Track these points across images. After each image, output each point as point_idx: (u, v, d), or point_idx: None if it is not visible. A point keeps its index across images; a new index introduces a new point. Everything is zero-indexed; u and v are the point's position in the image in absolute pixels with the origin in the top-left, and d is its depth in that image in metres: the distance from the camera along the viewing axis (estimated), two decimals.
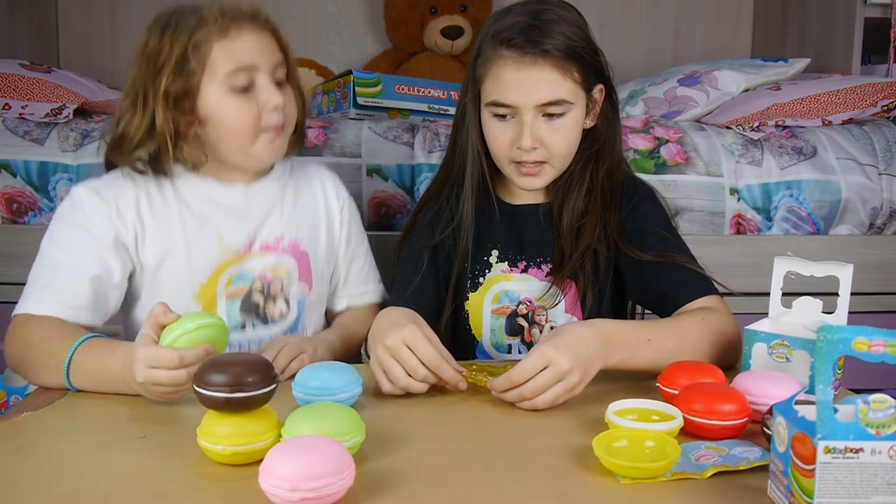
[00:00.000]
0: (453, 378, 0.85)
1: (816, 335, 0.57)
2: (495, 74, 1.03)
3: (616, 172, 1.12)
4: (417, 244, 1.13)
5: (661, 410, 0.76)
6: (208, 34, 0.98)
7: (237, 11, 1.00)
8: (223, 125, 1.01)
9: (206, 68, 0.99)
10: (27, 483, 0.66)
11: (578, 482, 0.66)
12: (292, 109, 1.06)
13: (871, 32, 2.11)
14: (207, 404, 0.69)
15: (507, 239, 1.14)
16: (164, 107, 0.98)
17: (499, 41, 1.03)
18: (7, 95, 1.66)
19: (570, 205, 1.10)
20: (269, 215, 1.09)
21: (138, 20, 2.67)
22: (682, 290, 1.03)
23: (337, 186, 1.20)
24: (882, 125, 1.67)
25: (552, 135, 1.04)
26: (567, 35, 1.01)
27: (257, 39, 1.01)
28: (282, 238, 1.09)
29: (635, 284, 1.09)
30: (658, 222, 1.10)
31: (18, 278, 1.47)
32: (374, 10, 2.59)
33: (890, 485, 0.57)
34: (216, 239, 1.05)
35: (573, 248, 1.09)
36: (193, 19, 0.99)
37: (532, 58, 1.01)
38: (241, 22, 1.00)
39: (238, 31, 0.99)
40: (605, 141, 1.11)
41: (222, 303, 1.05)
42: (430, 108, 1.77)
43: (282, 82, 1.04)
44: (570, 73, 1.02)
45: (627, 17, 2.66)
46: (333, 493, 0.59)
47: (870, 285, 1.54)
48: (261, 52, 1.01)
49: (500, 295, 1.13)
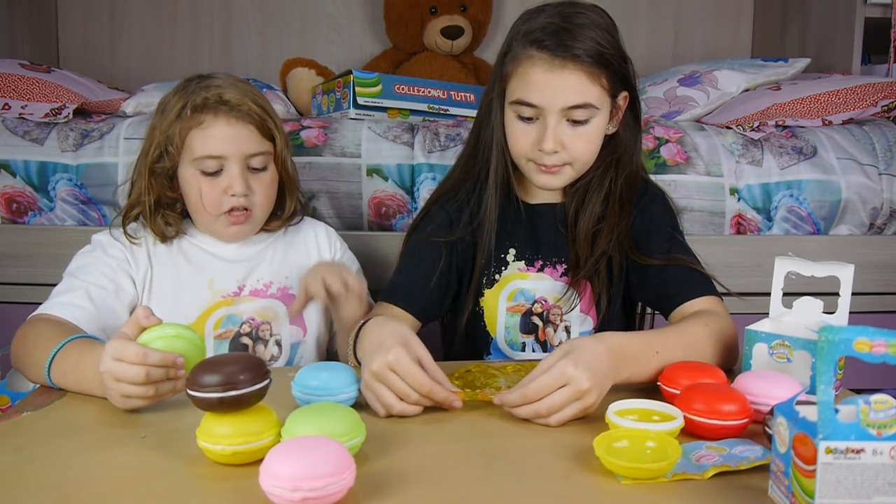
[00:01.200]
0: (447, 400, 0.82)
1: (817, 335, 0.57)
2: (523, 73, 1.03)
3: (634, 180, 1.12)
4: (431, 236, 1.12)
5: (662, 411, 0.76)
6: (188, 122, 1.07)
7: (219, 101, 1.07)
8: (189, 201, 1.11)
9: (184, 150, 1.08)
10: (27, 483, 0.66)
11: (579, 482, 0.66)
12: (263, 197, 1.11)
13: (871, 32, 2.11)
14: (202, 406, 0.69)
15: (524, 238, 1.14)
16: (149, 180, 1.10)
17: (529, 41, 1.02)
18: (7, 95, 1.66)
19: (588, 210, 1.10)
20: (259, 264, 1.16)
21: (138, 20, 2.71)
22: (681, 289, 1.04)
23: (330, 236, 1.24)
24: (882, 125, 1.67)
25: (575, 139, 1.04)
26: (598, 41, 1.01)
27: (231, 130, 1.07)
28: (270, 284, 1.15)
29: (638, 282, 1.10)
30: (666, 225, 1.11)
31: (18, 278, 1.48)
32: (374, 10, 2.59)
33: (891, 485, 0.57)
34: (206, 284, 1.12)
35: (589, 253, 1.09)
36: (179, 106, 1.08)
37: (562, 61, 1.00)
38: (218, 112, 1.07)
39: (213, 121, 1.07)
40: (625, 148, 1.11)
41: (210, 343, 1.10)
42: (430, 108, 1.76)
43: (260, 169, 1.11)
44: (598, 78, 1.02)
45: (627, 17, 2.65)
46: (334, 493, 0.59)
47: (870, 285, 1.54)
48: (232, 142, 1.07)
49: (516, 293, 1.13)
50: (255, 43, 2.62)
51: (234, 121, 1.07)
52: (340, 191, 1.52)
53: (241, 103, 1.08)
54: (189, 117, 1.07)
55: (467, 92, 1.82)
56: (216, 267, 1.14)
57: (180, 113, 1.07)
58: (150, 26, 2.59)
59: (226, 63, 2.60)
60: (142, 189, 1.10)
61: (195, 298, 1.11)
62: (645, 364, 0.87)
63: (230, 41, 2.61)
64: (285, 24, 2.62)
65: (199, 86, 1.09)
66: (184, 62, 2.58)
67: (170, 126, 1.08)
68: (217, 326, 1.11)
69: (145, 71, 2.54)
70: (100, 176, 1.50)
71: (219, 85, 1.09)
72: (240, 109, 1.08)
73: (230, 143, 1.07)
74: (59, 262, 1.49)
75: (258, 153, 1.09)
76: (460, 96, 1.81)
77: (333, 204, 1.52)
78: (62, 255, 1.47)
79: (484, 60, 2.47)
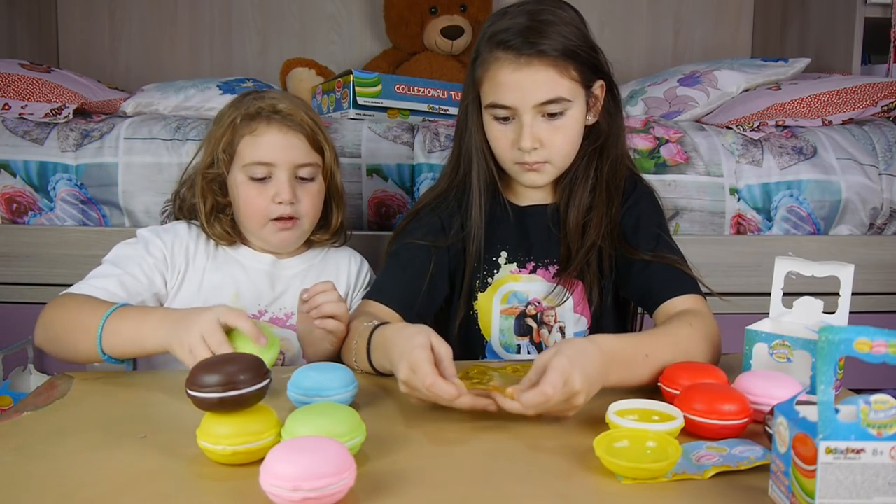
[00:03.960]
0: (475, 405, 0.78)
1: (818, 335, 0.56)
2: (492, 76, 1.03)
3: (620, 167, 1.12)
4: (417, 241, 1.11)
5: (662, 411, 0.76)
6: (241, 130, 1.10)
7: (273, 110, 1.10)
8: (238, 207, 1.13)
9: (235, 157, 1.11)
10: (27, 483, 0.66)
11: (579, 482, 0.66)
12: (310, 207, 1.13)
13: (871, 32, 2.11)
14: (202, 406, 0.69)
15: (515, 240, 1.14)
16: (203, 185, 1.13)
17: (495, 43, 1.03)
18: (7, 95, 1.66)
19: (576, 201, 1.10)
20: (286, 292, 1.15)
21: (138, 20, 2.71)
22: (666, 287, 1.04)
23: (362, 268, 1.23)
24: (882, 125, 1.67)
25: (552, 134, 1.04)
26: (563, 35, 1.01)
27: (283, 138, 1.10)
28: (291, 315, 1.14)
29: (623, 278, 1.10)
30: (653, 223, 1.11)
31: (18, 278, 1.48)
32: (374, 10, 2.60)
33: (891, 485, 0.57)
34: (231, 298, 1.12)
35: (579, 245, 1.09)
36: (234, 115, 1.11)
37: (528, 58, 1.00)
38: (271, 121, 1.10)
39: (266, 129, 1.09)
40: (607, 136, 1.11)
41: None
42: (430, 108, 1.76)
43: (308, 179, 1.12)
44: (566, 71, 1.02)
45: (627, 17, 2.66)
46: (335, 492, 0.59)
47: (870, 285, 1.54)
48: (282, 151, 1.09)
49: (509, 295, 1.13)
50: (255, 43, 2.62)
51: (287, 129, 1.09)
52: None
53: (293, 113, 1.10)
54: (242, 125, 1.10)
55: None
56: (243, 281, 1.14)
57: (234, 121, 1.10)
58: (150, 26, 2.59)
59: (226, 63, 2.60)
60: (197, 194, 1.13)
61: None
62: (634, 368, 0.86)
63: (230, 41, 2.62)
64: (285, 24, 2.62)
65: (254, 97, 1.12)
66: (184, 62, 2.59)
67: (223, 134, 1.10)
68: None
69: (145, 71, 2.54)
70: (100, 176, 1.50)
71: (273, 97, 1.12)
72: (292, 119, 1.10)
73: (281, 151, 1.09)
74: (59, 262, 1.50)
75: (307, 164, 1.11)
76: (460, 96, 1.81)
77: None
78: (62, 255, 1.48)
79: None
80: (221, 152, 1.10)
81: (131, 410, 0.83)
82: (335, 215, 1.19)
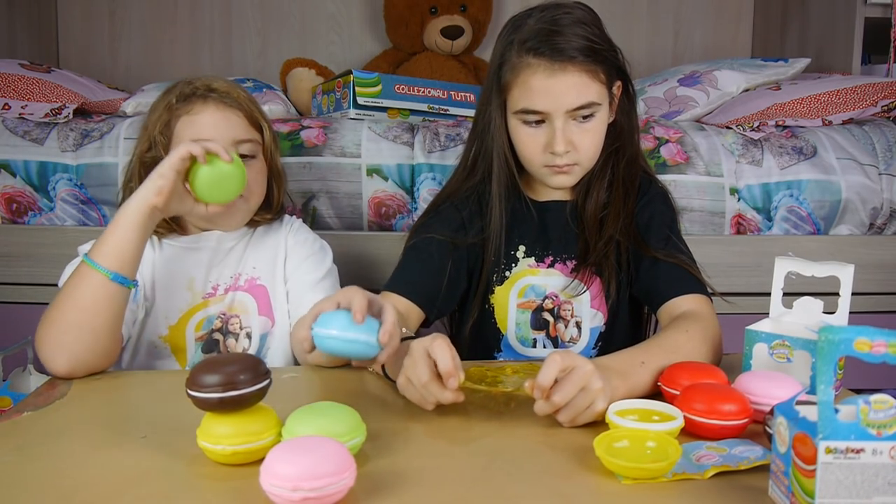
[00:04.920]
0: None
1: (818, 335, 0.57)
2: (524, 82, 1.03)
3: (635, 164, 1.14)
4: (437, 236, 1.11)
5: (662, 411, 0.76)
6: (177, 111, 1.08)
7: (207, 89, 1.10)
8: None
9: (173, 139, 1.08)
10: (27, 483, 0.66)
11: (579, 482, 0.66)
12: (254, 185, 1.11)
13: (871, 32, 2.11)
14: (202, 406, 0.69)
15: (534, 234, 1.15)
16: (141, 171, 1.09)
17: (525, 49, 1.03)
18: (7, 95, 1.66)
19: (594, 197, 1.12)
20: (229, 256, 1.14)
21: (138, 20, 2.71)
22: (671, 286, 1.05)
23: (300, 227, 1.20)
24: (882, 125, 1.67)
25: (583, 136, 1.05)
26: (588, 37, 1.02)
27: (221, 116, 1.08)
28: (238, 276, 1.13)
29: (634, 275, 1.10)
30: (665, 222, 1.12)
31: (18, 278, 1.48)
32: (374, 10, 2.60)
33: (891, 485, 0.57)
34: (186, 285, 1.11)
35: (597, 239, 1.10)
36: (170, 97, 1.09)
37: (561, 64, 1.01)
38: (207, 99, 1.09)
39: (202, 107, 1.08)
40: (624, 134, 1.12)
41: (191, 345, 1.10)
42: (430, 108, 1.76)
43: (249, 157, 1.10)
44: (596, 75, 1.03)
45: (627, 17, 2.66)
46: (335, 492, 0.59)
47: (870, 285, 1.54)
48: (220, 127, 1.08)
49: (527, 289, 1.14)
50: (255, 43, 2.62)
51: (224, 107, 1.09)
52: (340, 191, 1.52)
53: (229, 91, 1.10)
54: (178, 106, 1.08)
55: (467, 92, 1.82)
56: (193, 265, 1.12)
57: (169, 103, 1.09)
58: (150, 26, 2.59)
59: (226, 63, 2.60)
60: (134, 179, 1.10)
61: (176, 301, 1.10)
62: (634, 376, 0.86)
63: (230, 41, 2.62)
64: (285, 24, 2.62)
65: (187, 82, 1.11)
66: (184, 62, 2.59)
67: (160, 117, 1.09)
68: (199, 328, 1.10)
69: (145, 71, 2.54)
70: (100, 176, 1.50)
71: (206, 78, 1.12)
72: (228, 96, 1.10)
73: (219, 128, 1.07)
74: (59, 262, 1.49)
75: (246, 140, 1.10)
76: (460, 96, 1.81)
77: (333, 204, 1.52)
78: (62, 255, 1.47)
79: (484, 60, 2.47)
80: (158, 135, 1.08)
81: (131, 410, 0.83)
82: (276, 195, 1.18)
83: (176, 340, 1.10)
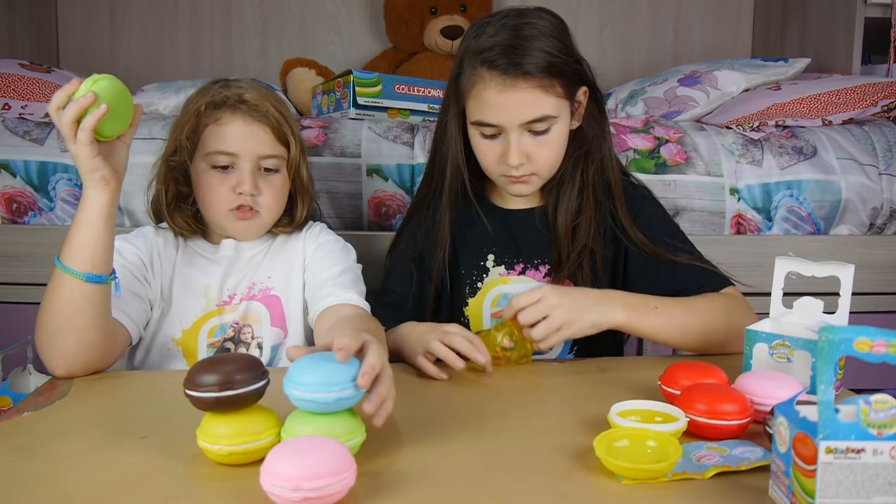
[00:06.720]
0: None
1: (818, 335, 0.57)
2: (478, 95, 1.03)
3: (607, 170, 1.13)
4: (403, 256, 1.16)
5: (665, 412, 0.76)
6: (205, 118, 1.08)
7: (238, 100, 1.08)
8: (199, 196, 1.11)
9: (199, 145, 1.09)
10: (27, 483, 0.66)
11: (579, 482, 0.66)
12: (271, 200, 1.11)
13: (871, 32, 2.11)
14: (200, 406, 0.69)
15: (502, 243, 1.14)
16: (166, 173, 1.11)
17: (480, 61, 1.02)
18: (7, 95, 1.66)
19: (564, 205, 1.11)
20: (247, 266, 1.14)
21: (138, 20, 2.71)
22: (703, 285, 1.06)
23: (322, 230, 1.20)
24: (882, 125, 1.67)
25: (538, 149, 1.05)
26: (546, 51, 1.01)
27: (248, 129, 1.08)
28: (253, 285, 1.13)
29: (647, 284, 1.08)
30: (663, 224, 1.13)
31: (18, 278, 1.48)
32: (374, 10, 2.60)
33: (891, 485, 0.57)
34: (202, 291, 1.11)
35: (570, 248, 1.10)
36: (199, 103, 1.09)
37: (513, 79, 1.00)
38: (236, 111, 1.08)
39: (230, 118, 1.08)
40: (591, 140, 1.11)
41: (203, 351, 1.10)
42: (430, 108, 1.76)
43: (272, 171, 1.11)
44: (552, 88, 1.02)
45: (627, 17, 2.66)
46: (335, 492, 0.59)
47: (870, 285, 1.54)
48: (246, 141, 1.08)
49: (499, 298, 1.14)
50: (255, 43, 2.62)
51: (251, 120, 1.08)
52: (340, 191, 1.52)
53: (259, 104, 1.08)
54: (207, 113, 1.08)
55: None
56: (210, 272, 1.12)
57: (199, 109, 1.08)
58: (150, 26, 2.59)
59: (226, 63, 2.60)
60: (160, 183, 1.12)
61: (191, 305, 1.11)
62: (642, 312, 0.89)
63: (230, 41, 2.62)
64: (285, 24, 2.62)
65: (222, 86, 1.10)
66: (184, 62, 2.59)
67: (188, 121, 1.08)
68: (211, 335, 1.10)
69: (145, 71, 2.54)
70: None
71: (240, 86, 1.10)
72: (257, 110, 1.08)
73: (244, 141, 1.07)
74: None
75: (271, 156, 1.10)
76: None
77: (333, 204, 1.52)
78: None
79: None
80: (185, 140, 1.08)
81: (131, 410, 0.83)
82: (300, 209, 1.17)
83: (188, 345, 1.10)
